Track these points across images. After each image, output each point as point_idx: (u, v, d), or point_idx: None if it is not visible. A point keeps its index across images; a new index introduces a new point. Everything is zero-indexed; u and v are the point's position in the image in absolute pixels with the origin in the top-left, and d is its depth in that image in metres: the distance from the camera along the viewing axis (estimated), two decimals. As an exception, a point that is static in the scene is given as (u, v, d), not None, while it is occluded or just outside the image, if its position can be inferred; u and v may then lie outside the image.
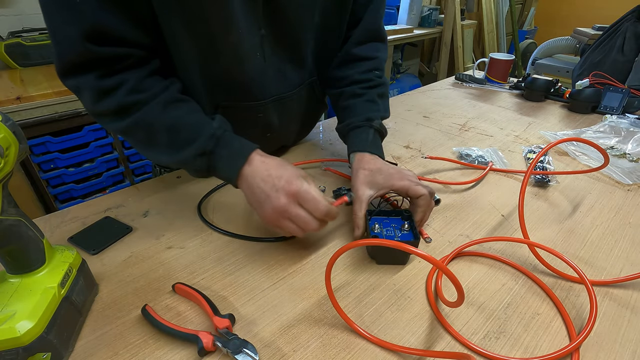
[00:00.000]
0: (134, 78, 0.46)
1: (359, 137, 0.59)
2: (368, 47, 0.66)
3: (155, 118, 0.47)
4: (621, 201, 0.62)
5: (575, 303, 0.43)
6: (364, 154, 0.57)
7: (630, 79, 1.35)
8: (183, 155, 0.47)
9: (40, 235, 0.37)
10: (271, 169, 0.45)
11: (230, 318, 0.39)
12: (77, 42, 0.42)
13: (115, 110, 0.46)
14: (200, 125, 0.48)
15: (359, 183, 0.53)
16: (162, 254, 0.50)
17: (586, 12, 3.66)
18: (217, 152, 0.47)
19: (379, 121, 0.61)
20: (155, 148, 0.49)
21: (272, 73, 0.59)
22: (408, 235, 0.49)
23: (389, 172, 0.52)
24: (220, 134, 0.48)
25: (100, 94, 0.45)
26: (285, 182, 0.44)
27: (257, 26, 0.53)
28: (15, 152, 0.32)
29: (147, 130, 0.48)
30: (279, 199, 0.43)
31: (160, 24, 0.48)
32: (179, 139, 0.47)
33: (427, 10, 2.87)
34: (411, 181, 0.51)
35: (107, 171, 1.56)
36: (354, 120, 0.61)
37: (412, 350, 0.37)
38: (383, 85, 0.65)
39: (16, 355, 0.32)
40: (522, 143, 0.82)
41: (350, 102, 0.63)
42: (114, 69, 0.45)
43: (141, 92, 0.47)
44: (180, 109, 0.49)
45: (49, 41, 1.54)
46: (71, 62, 0.44)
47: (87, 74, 0.44)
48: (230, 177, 0.47)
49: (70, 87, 0.46)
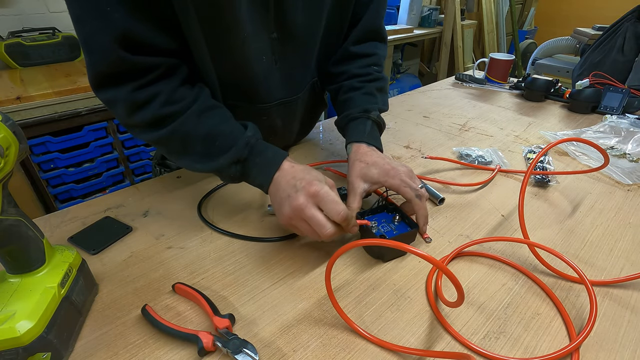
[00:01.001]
0: (167, 90, 0.47)
1: (357, 128, 0.59)
2: (367, 45, 0.66)
3: (191, 128, 0.48)
4: (621, 201, 0.62)
5: (575, 303, 0.43)
6: (361, 145, 0.56)
7: (630, 79, 1.35)
8: (218, 163, 0.48)
9: (40, 235, 0.37)
10: (297, 173, 0.46)
11: (230, 318, 0.39)
12: (110, 50, 0.42)
13: (150, 122, 0.47)
14: (234, 133, 0.49)
15: (354, 176, 0.53)
16: (162, 254, 0.50)
17: (586, 12, 3.66)
18: (252, 159, 0.48)
19: (377, 112, 0.61)
20: (189, 157, 0.50)
21: (280, 77, 0.59)
22: (404, 227, 0.49)
23: (384, 168, 0.52)
24: (254, 142, 0.49)
25: (134, 107, 0.46)
26: (306, 183, 0.44)
27: (267, 30, 0.53)
28: (15, 152, 0.32)
29: (182, 141, 0.48)
30: (297, 198, 0.43)
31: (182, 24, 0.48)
32: (214, 147, 0.48)
33: (427, 10, 2.87)
34: (402, 181, 0.50)
35: (107, 171, 1.56)
36: (352, 112, 0.60)
37: (412, 350, 0.37)
38: (382, 79, 0.65)
39: (16, 355, 0.32)
40: (522, 143, 0.82)
41: (349, 95, 0.63)
42: (146, 81, 0.46)
43: (175, 104, 0.47)
44: (214, 117, 0.49)
45: (49, 41, 1.56)
46: (104, 74, 0.44)
47: (121, 87, 0.45)
48: (263, 183, 0.48)
49: (104, 100, 0.47)
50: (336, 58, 0.67)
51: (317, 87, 0.70)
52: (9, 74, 1.46)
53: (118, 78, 0.45)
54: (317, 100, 0.73)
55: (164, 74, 0.47)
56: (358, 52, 0.65)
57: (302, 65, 0.62)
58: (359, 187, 0.52)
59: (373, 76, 0.64)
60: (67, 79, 1.40)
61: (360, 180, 0.52)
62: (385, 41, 0.69)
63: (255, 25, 0.51)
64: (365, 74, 0.64)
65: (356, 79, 0.64)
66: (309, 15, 0.56)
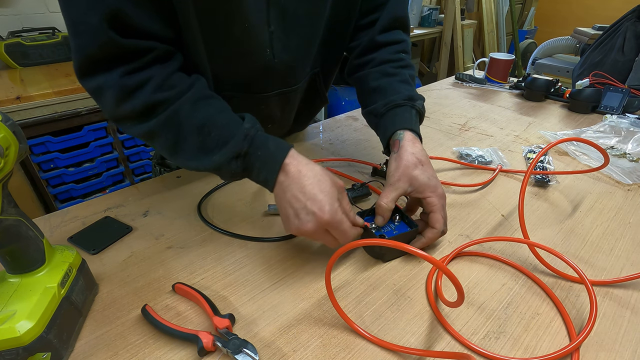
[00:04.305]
0: (160, 74, 0.44)
1: (402, 115, 0.54)
2: (393, 33, 0.62)
3: (184, 117, 0.44)
4: (621, 201, 0.62)
5: (575, 303, 0.43)
6: (412, 134, 0.52)
7: (630, 79, 1.35)
8: (217, 159, 0.43)
9: (40, 235, 0.37)
10: (306, 186, 0.42)
11: (230, 318, 0.39)
12: (100, 30, 0.39)
13: (141, 110, 0.43)
14: (231, 125, 0.44)
15: (401, 171, 0.49)
16: (162, 253, 0.50)
17: (586, 12, 3.66)
18: (253, 153, 0.44)
19: (421, 102, 0.57)
20: (183, 152, 0.45)
21: (280, 69, 0.58)
22: (404, 227, 0.49)
23: (431, 182, 0.48)
24: (254, 133, 0.44)
25: (124, 93, 0.42)
26: (317, 209, 0.41)
27: (268, 20, 0.51)
28: (15, 152, 0.32)
29: (175, 132, 0.44)
30: (307, 224, 0.41)
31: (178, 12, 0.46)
32: (210, 139, 0.44)
33: (427, 10, 2.87)
34: (442, 206, 0.48)
35: (107, 171, 1.56)
36: (395, 99, 0.56)
37: (412, 350, 0.37)
38: (412, 67, 0.62)
39: (16, 355, 0.32)
40: (522, 143, 0.82)
41: (384, 82, 0.58)
42: (138, 65, 0.42)
43: (168, 90, 0.44)
44: (210, 107, 0.45)
45: (48, 41, 1.56)
46: (92, 58, 0.41)
47: (110, 72, 0.42)
48: (268, 178, 0.44)
49: (90, 88, 0.43)
50: (360, 50, 0.63)
51: (318, 79, 0.69)
52: (9, 74, 1.46)
53: (107, 62, 0.41)
54: (317, 91, 0.72)
55: (157, 58, 0.44)
56: (385, 40, 0.61)
57: (303, 56, 0.60)
58: (400, 188, 0.49)
59: (405, 62, 0.61)
60: (67, 78, 1.40)
61: (406, 182, 0.49)
62: (409, 31, 0.66)
63: (256, 15, 0.49)
64: (397, 59, 0.60)
65: (389, 64, 0.60)
66: (311, 4, 0.54)
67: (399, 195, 0.49)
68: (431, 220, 0.48)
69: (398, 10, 0.61)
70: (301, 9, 0.53)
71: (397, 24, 0.62)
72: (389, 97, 0.56)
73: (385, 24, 0.61)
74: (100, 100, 0.44)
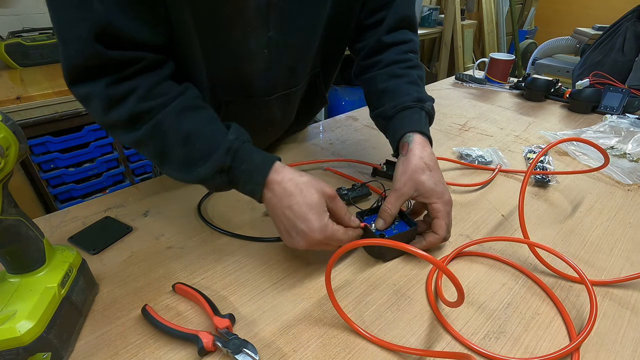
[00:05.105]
0: (146, 84, 0.43)
1: (411, 117, 0.54)
2: (400, 33, 0.61)
3: (169, 127, 0.43)
4: (621, 201, 0.62)
5: (575, 303, 0.43)
6: (422, 137, 0.51)
7: (630, 79, 1.35)
8: (200, 172, 0.43)
9: (40, 235, 0.37)
10: (293, 205, 0.41)
11: (230, 318, 0.39)
12: (87, 43, 0.39)
13: (128, 119, 0.43)
14: (216, 136, 0.43)
15: (407, 176, 0.48)
16: (162, 254, 0.50)
17: (586, 12, 3.66)
18: (236, 167, 0.43)
19: (431, 104, 0.56)
20: (170, 163, 0.45)
21: (280, 72, 0.58)
22: (403, 226, 0.49)
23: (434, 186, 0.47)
24: (237, 147, 0.43)
25: (110, 102, 0.42)
26: (307, 228, 0.41)
27: (265, 27, 0.51)
28: (15, 152, 0.32)
29: (160, 142, 0.44)
30: (299, 242, 0.42)
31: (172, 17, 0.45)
32: (194, 151, 0.43)
33: (427, 10, 2.87)
34: (447, 214, 0.48)
35: (107, 171, 1.56)
36: (404, 101, 0.55)
37: (412, 350, 0.37)
38: (421, 67, 0.61)
39: (16, 355, 0.32)
40: (522, 143, 0.82)
41: (392, 84, 0.57)
42: (124, 75, 0.42)
43: (154, 99, 0.43)
44: (197, 117, 0.45)
45: (49, 41, 1.56)
46: (79, 67, 0.41)
47: (96, 81, 0.42)
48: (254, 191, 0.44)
49: (78, 96, 0.43)
50: (367, 51, 0.62)
51: (318, 79, 0.68)
52: (9, 74, 1.46)
53: (94, 72, 0.41)
54: (316, 91, 0.71)
55: (145, 67, 0.44)
56: (392, 40, 0.60)
57: (302, 57, 0.60)
58: (406, 194, 0.48)
59: (413, 62, 0.60)
60: (67, 79, 1.40)
61: (412, 187, 0.48)
62: (417, 30, 0.65)
63: (256, 18, 0.49)
64: (405, 60, 0.59)
65: (396, 65, 0.59)
66: (311, 7, 0.53)
67: (403, 202, 0.49)
68: (434, 226, 0.48)
69: (405, 9, 0.60)
70: (301, 11, 0.53)
71: (404, 23, 0.61)
72: (398, 100, 0.55)
73: (391, 24, 0.60)
74: (89, 108, 0.44)
